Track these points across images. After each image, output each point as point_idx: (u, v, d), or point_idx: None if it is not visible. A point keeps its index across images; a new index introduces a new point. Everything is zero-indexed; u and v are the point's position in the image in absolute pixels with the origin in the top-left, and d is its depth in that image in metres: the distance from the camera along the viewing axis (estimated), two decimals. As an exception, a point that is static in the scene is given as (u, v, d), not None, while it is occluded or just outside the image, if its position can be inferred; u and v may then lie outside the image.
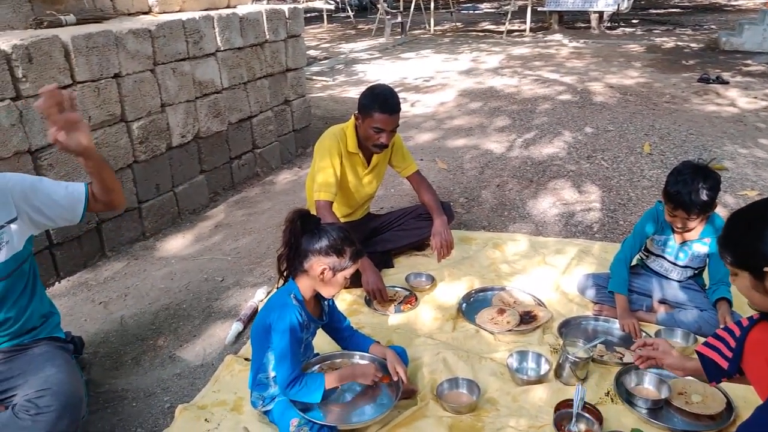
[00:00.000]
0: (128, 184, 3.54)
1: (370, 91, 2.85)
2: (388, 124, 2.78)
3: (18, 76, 2.81)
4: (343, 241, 1.93)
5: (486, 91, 7.27)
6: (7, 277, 1.94)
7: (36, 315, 2.07)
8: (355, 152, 2.95)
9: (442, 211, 3.01)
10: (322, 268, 1.92)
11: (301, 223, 1.95)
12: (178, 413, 2.11)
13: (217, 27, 4.06)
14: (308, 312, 2.01)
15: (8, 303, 1.97)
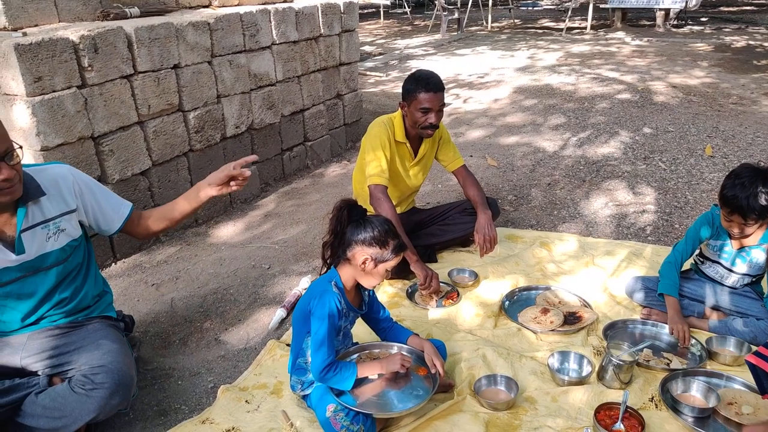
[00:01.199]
0: (183, 172, 3.66)
1: (411, 76, 2.88)
2: (434, 102, 2.78)
3: (84, 65, 2.95)
4: (386, 233, 1.95)
5: (542, 88, 7.14)
6: (63, 261, 2.05)
7: (90, 295, 2.18)
8: (402, 141, 2.96)
9: (487, 207, 2.99)
10: (364, 258, 1.93)
11: (347, 213, 1.97)
12: (221, 393, 2.18)
13: (274, 21, 4.14)
14: (348, 301, 2.03)
15: (64, 284, 2.08)
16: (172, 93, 3.46)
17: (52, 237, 1.98)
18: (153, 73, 3.32)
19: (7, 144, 1.77)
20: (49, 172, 2.01)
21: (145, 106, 3.29)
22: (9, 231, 1.91)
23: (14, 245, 1.91)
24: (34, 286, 2.01)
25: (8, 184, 1.78)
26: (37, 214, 1.95)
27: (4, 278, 1.93)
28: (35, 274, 1.99)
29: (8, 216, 1.90)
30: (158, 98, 3.37)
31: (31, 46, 2.72)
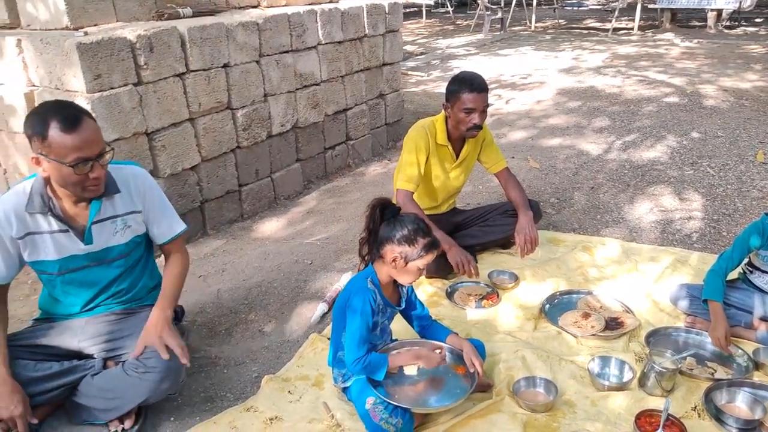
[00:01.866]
0: (230, 168, 3.76)
1: (455, 78, 2.89)
2: (478, 102, 2.79)
3: (140, 63, 3.07)
4: (416, 231, 1.96)
5: (586, 90, 7.04)
6: (126, 255, 2.16)
7: (146, 288, 2.29)
8: (444, 144, 2.97)
9: (528, 208, 2.99)
10: (394, 256, 1.97)
11: (380, 211, 2.01)
12: (264, 383, 2.25)
13: (320, 21, 4.21)
14: (385, 297, 2.07)
15: (123, 276, 2.19)
16: (222, 91, 3.56)
17: (119, 232, 2.09)
18: (204, 72, 3.42)
19: (102, 146, 1.89)
20: (125, 171, 2.11)
21: (195, 104, 3.40)
22: (81, 221, 2.02)
23: (84, 235, 2.01)
24: (97, 277, 2.12)
25: (97, 182, 1.90)
26: (108, 209, 2.05)
27: (71, 265, 2.05)
28: (99, 264, 2.10)
29: (83, 206, 2.01)
30: (208, 96, 3.47)
31: (92, 45, 2.85)
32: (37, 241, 1.99)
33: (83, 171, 1.85)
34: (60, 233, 2.00)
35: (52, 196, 1.97)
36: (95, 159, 1.86)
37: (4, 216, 1.94)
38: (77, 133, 1.81)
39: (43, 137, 1.81)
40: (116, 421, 2.05)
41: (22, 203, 1.94)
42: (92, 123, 1.88)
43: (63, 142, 1.80)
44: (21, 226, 1.95)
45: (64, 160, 1.82)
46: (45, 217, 1.97)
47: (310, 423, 2.06)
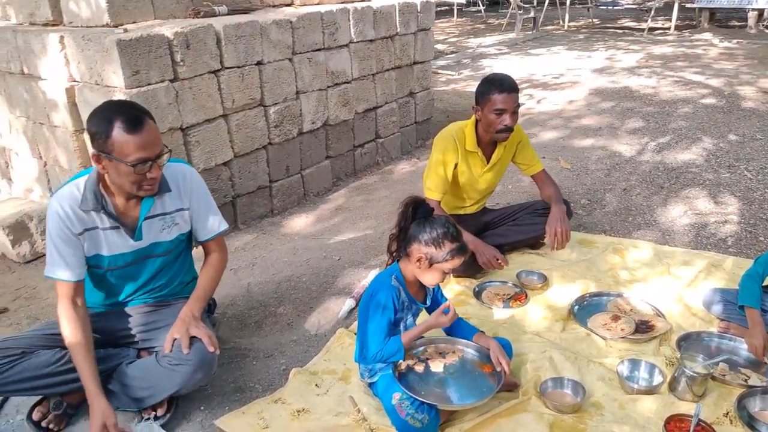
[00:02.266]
0: (262, 164, 3.82)
1: (484, 79, 2.86)
2: (508, 103, 2.75)
3: (177, 60, 3.13)
4: (444, 234, 1.96)
5: (620, 90, 6.93)
6: (170, 252, 2.21)
7: (182, 283, 2.34)
8: (473, 151, 2.93)
9: (562, 202, 2.97)
10: (419, 256, 1.98)
11: (413, 210, 2.02)
12: (292, 376, 2.29)
13: (352, 19, 4.24)
14: (410, 294, 2.08)
15: (163, 272, 2.24)
16: (255, 88, 3.61)
17: (166, 229, 2.14)
18: (238, 69, 3.48)
19: (161, 147, 1.94)
20: (174, 169, 2.15)
21: (229, 100, 3.46)
22: (131, 218, 2.07)
23: (134, 232, 2.07)
24: (140, 272, 2.18)
25: (153, 182, 1.95)
26: (158, 207, 2.10)
27: (119, 261, 2.10)
28: (143, 260, 2.15)
29: (134, 203, 2.05)
30: (242, 93, 3.53)
31: (131, 42, 2.92)
32: (93, 237, 2.03)
33: (142, 171, 1.89)
34: (111, 230, 2.04)
35: (104, 193, 2.01)
36: (155, 159, 1.90)
37: (65, 214, 1.97)
38: (140, 134, 1.85)
39: (107, 136, 1.85)
40: (149, 409, 2.11)
41: (77, 200, 1.98)
42: (153, 124, 1.93)
43: (126, 142, 1.84)
44: (79, 223, 1.99)
45: (125, 160, 1.85)
46: (98, 214, 2.01)
47: (336, 416, 2.08)
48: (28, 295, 3.08)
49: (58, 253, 2.00)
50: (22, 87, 3.52)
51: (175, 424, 2.11)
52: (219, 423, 2.08)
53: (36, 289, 3.12)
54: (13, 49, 3.46)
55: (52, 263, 2.01)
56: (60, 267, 2.00)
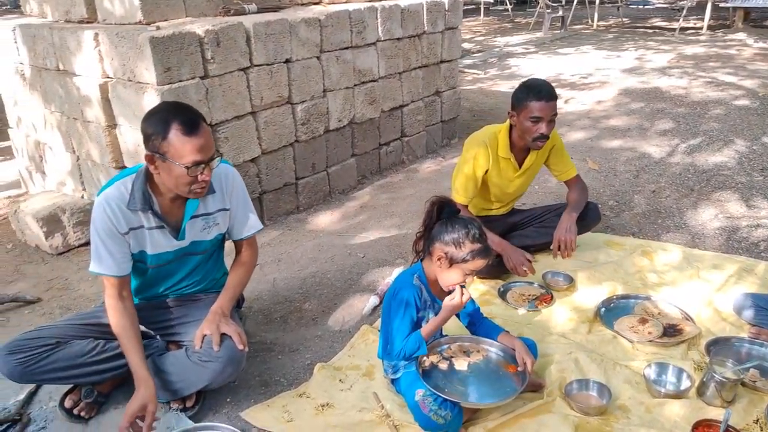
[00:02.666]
0: (288, 161, 3.85)
1: (522, 84, 2.80)
2: (546, 111, 2.70)
3: (207, 57, 3.18)
4: (465, 235, 1.95)
5: (650, 91, 6.83)
6: (207, 251, 2.25)
7: (213, 279, 2.38)
8: (506, 157, 2.89)
9: (576, 210, 2.95)
10: (440, 255, 1.98)
11: (438, 209, 2.02)
12: (317, 370, 2.31)
13: (380, 18, 4.25)
14: (432, 293, 2.09)
15: (198, 269, 2.29)
16: (283, 86, 3.65)
17: (206, 229, 2.17)
18: (267, 67, 3.52)
19: (213, 151, 1.97)
20: (218, 170, 2.15)
21: (258, 98, 3.50)
22: (175, 218, 2.10)
23: (178, 232, 2.11)
24: (178, 269, 2.22)
25: (204, 184, 1.97)
26: (201, 207, 2.13)
27: (161, 260, 2.15)
28: (183, 258, 2.19)
29: (179, 204, 2.09)
30: (270, 90, 3.57)
31: (163, 39, 2.97)
32: (138, 236, 2.07)
33: (195, 173, 1.91)
34: (156, 229, 2.08)
35: (152, 193, 2.04)
36: (208, 162, 1.93)
37: (112, 213, 2.00)
38: (197, 137, 1.88)
39: (163, 138, 1.87)
40: (178, 400, 2.15)
41: (124, 199, 2.02)
42: (207, 128, 1.96)
43: (183, 144, 1.87)
44: (125, 222, 2.03)
45: (180, 162, 1.88)
46: (145, 213, 2.04)
47: (360, 412, 2.10)
48: (61, 286, 3.16)
49: (105, 249, 2.03)
50: (57, 83, 3.60)
51: (202, 415, 2.15)
52: (245, 415, 2.12)
53: (68, 280, 3.20)
54: (49, 46, 3.54)
55: (98, 259, 2.04)
56: (106, 263, 2.04)
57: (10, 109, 4.37)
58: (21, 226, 3.59)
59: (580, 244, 3.20)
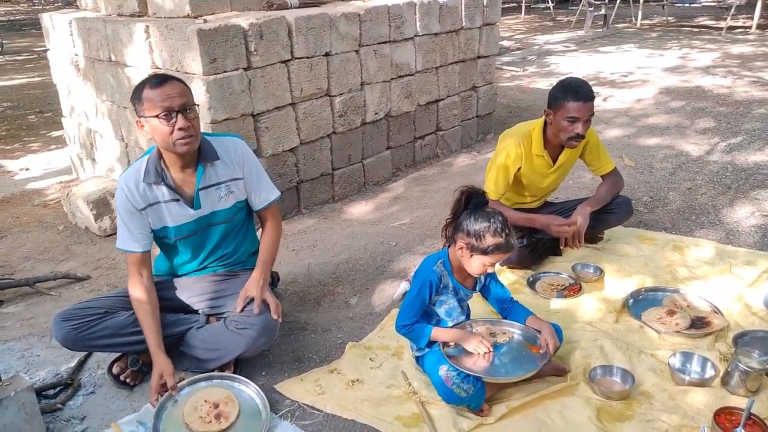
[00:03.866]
0: (325, 152, 3.96)
1: (560, 83, 2.80)
2: (582, 112, 2.70)
3: (251, 49, 3.31)
4: (487, 228, 1.99)
5: (692, 90, 6.72)
6: (230, 220, 2.37)
7: (247, 252, 2.50)
8: (540, 155, 2.91)
9: (596, 202, 2.97)
10: (461, 245, 2.05)
11: (466, 199, 2.08)
12: (348, 349, 2.41)
13: (418, 13, 4.32)
14: (455, 279, 2.15)
15: (227, 240, 2.41)
16: (322, 78, 3.76)
17: (223, 198, 2.30)
18: (307, 60, 3.63)
19: (186, 100, 2.10)
20: (224, 141, 2.33)
21: (298, 90, 3.62)
22: (189, 190, 2.25)
23: (192, 202, 2.24)
24: (205, 240, 2.36)
25: (184, 133, 2.08)
26: (212, 176, 2.27)
27: (184, 231, 2.29)
28: (207, 228, 2.33)
29: (189, 174, 2.23)
30: (309, 83, 3.68)
31: (210, 32, 3.11)
32: (156, 210, 2.23)
33: (170, 121, 2.06)
34: (172, 202, 2.23)
35: (164, 167, 2.21)
36: (179, 110, 2.07)
37: (128, 190, 2.18)
38: (162, 88, 2.06)
39: (139, 99, 2.08)
40: (216, 371, 2.27)
41: (141, 175, 2.19)
42: (178, 83, 2.11)
43: (152, 97, 2.05)
44: (142, 198, 2.20)
45: (153, 113, 2.05)
46: (159, 187, 2.20)
47: (388, 388, 2.18)
48: (108, 265, 3.34)
49: (125, 227, 2.23)
50: (109, 73, 3.80)
51: (239, 386, 2.26)
52: (279, 387, 2.23)
53: (115, 260, 3.37)
54: (102, 38, 3.74)
55: (122, 237, 2.25)
56: (128, 240, 2.23)
57: (64, 99, 4.61)
58: (72, 209, 3.80)
59: (611, 238, 3.24)
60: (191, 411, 2.01)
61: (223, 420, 1.99)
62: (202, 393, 2.09)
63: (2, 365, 2.44)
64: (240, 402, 2.07)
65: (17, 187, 4.66)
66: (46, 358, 2.49)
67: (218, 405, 2.04)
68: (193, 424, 1.97)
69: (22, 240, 3.69)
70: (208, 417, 2.00)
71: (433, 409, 2.05)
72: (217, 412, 2.01)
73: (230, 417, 2.00)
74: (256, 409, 2.06)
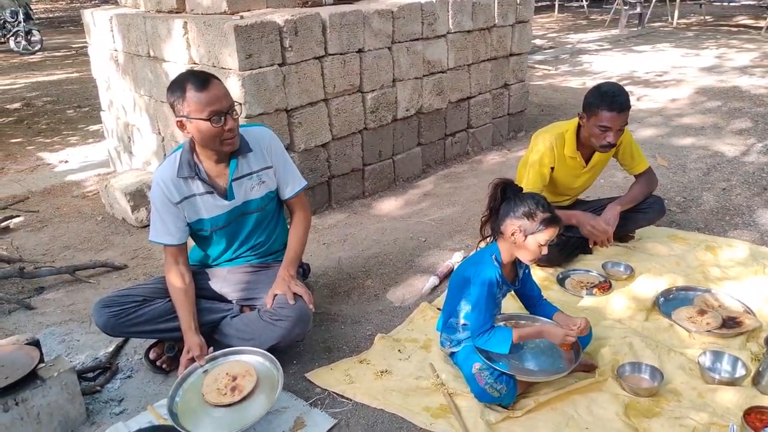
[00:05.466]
0: (357, 148, 4.01)
1: (597, 89, 2.77)
2: (616, 122, 2.69)
3: (286, 45, 3.37)
4: (536, 205, 2.02)
5: (728, 90, 6.59)
6: (262, 209, 2.43)
7: (278, 242, 2.55)
8: (572, 156, 2.90)
9: (626, 201, 2.96)
10: (513, 230, 2.04)
11: (502, 190, 2.10)
12: (377, 340, 2.45)
13: (451, 10, 4.34)
14: (503, 275, 2.16)
15: (260, 230, 2.47)
16: (355, 75, 3.81)
17: (255, 187, 2.36)
18: (340, 56, 3.68)
19: (231, 101, 2.17)
20: (254, 131, 2.38)
21: (331, 86, 3.67)
22: (222, 182, 2.31)
23: (226, 193, 2.31)
24: (238, 230, 2.42)
25: (232, 134, 2.17)
26: (244, 167, 2.33)
27: (219, 222, 2.35)
28: (240, 218, 2.39)
29: (223, 167, 2.30)
30: (342, 79, 3.73)
31: (246, 28, 3.18)
32: (191, 203, 2.30)
33: (218, 124, 2.12)
34: (206, 194, 2.29)
35: (197, 161, 2.27)
36: (227, 112, 2.13)
37: (164, 185, 2.25)
38: (209, 90, 2.10)
39: (182, 99, 2.12)
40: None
41: (174, 170, 2.26)
42: (219, 82, 2.17)
43: (198, 99, 2.09)
44: (177, 192, 2.26)
45: (201, 116, 2.10)
46: (193, 181, 2.26)
47: (416, 379, 2.22)
48: (144, 255, 3.44)
49: (160, 220, 2.29)
50: (148, 68, 3.90)
51: (270, 373, 2.32)
52: (309, 376, 2.28)
53: (151, 250, 3.47)
54: (141, 34, 3.84)
55: (155, 229, 2.31)
56: (162, 233, 2.30)
57: (103, 94, 4.75)
58: (110, 200, 3.92)
59: (642, 237, 3.22)
60: (211, 383, 2.06)
61: (237, 393, 2.02)
62: (226, 366, 2.13)
63: (44, 349, 2.53)
64: (260, 377, 2.08)
65: (57, 179, 4.82)
66: (85, 342, 2.59)
67: (236, 378, 2.07)
68: (208, 396, 2.01)
69: (63, 230, 3.82)
70: (224, 390, 2.03)
71: (460, 401, 2.08)
72: (234, 385, 2.04)
73: (244, 390, 2.01)
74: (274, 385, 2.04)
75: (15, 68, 10.85)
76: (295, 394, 2.18)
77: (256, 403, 2.01)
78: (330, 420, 2.05)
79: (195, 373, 2.12)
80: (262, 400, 2.01)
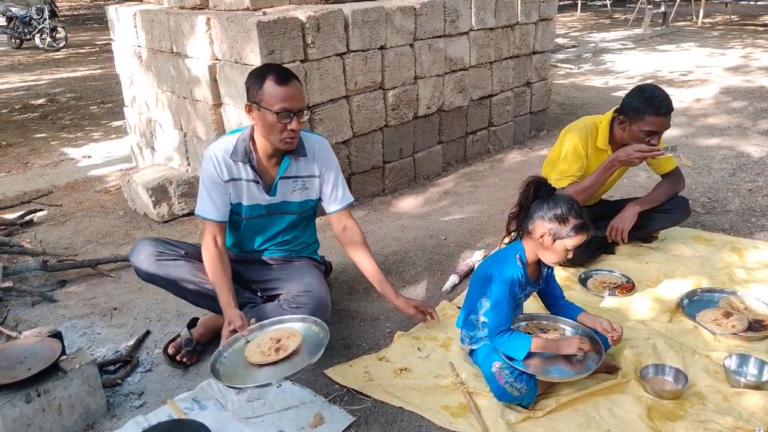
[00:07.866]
0: (377, 145, 4.00)
1: (640, 92, 2.70)
2: (664, 126, 2.64)
3: (308, 42, 3.38)
4: (569, 210, 1.98)
5: (755, 90, 6.47)
6: (298, 213, 2.46)
7: (303, 244, 2.58)
8: (604, 149, 2.86)
9: (647, 202, 2.93)
10: (542, 233, 2.01)
11: (535, 188, 2.07)
12: (396, 338, 2.44)
13: (474, 7, 4.31)
14: (527, 274, 2.13)
15: (290, 229, 2.49)
16: (376, 72, 3.80)
17: (296, 191, 2.39)
18: (362, 53, 3.68)
19: (303, 104, 2.21)
20: (313, 139, 2.41)
21: (352, 82, 3.67)
22: (269, 176, 2.34)
23: (270, 188, 2.33)
24: (270, 225, 2.44)
25: (293, 135, 2.19)
26: (293, 169, 2.35)
27: (254, 212, 2.39)
28: (275, 215, 2.41)
29: (274, 163, 2.33)
30: (364, 76, 3.73)
31: (269, 24, 3.19)
32: (237, 186, 2.33)
33: (284, 121, 2.13)
34: (252, 183, 2.33)
35: (252, 149, 2.30)
36: (296, 113, 2.15)
37: (217, 161, 2.28)
38: (287, 87, 2.13)
39: (259, 87, 2.14)
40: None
41: (229, 150, 2.29)
42: (299, 84, 2.20)
43: (275, 92, 2.12)
44: (227, 171, 2.30)
45: (271, 108, 2.12)
46: (244, 165, 2.30)
47: (436, 378, 2.21)
48: (166, 249, 3.45)
49: (208, 194, 2.31)
50: (170, 64, 3.93)
51: (288, 370, 2.32)
52: (328, 372, 2.28)
53: (172, 244, 3.49)
54: (164, 30, 3.87)
55: (202, 204, 2.34)
56: (208, 207, 2.32)
57: (126, 89, 4.79)
58: (132, 195, 3.96)
59: (666, 238, 3.17)
60: (255, 347, 2.02)
61: (281, 351, 1.97)
62: (269, 333, 2.10)
63: (66, 341, 2.56)
64: (304, 337, 2.04)
65: (80, 173, 4.88)
66: (106, 336, 2.62)
67: (280, 339, 2.03)
68: (251, 358, 1.98)
69: (85, 224, 3.87)
70: (268, 351, 1.99)
71: (480, 400, 2.07)
72: (278, 346, 2.00)
73: (288, 348, 1.97)
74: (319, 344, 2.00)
75: (40, 65, 11.03)
76: (314, 390, 2.18)
77: (301, 359, 1.96)
78: (349, 417, 2.05)
79: (238, 342, 2.08)
80: (306, 358, 1.96)
